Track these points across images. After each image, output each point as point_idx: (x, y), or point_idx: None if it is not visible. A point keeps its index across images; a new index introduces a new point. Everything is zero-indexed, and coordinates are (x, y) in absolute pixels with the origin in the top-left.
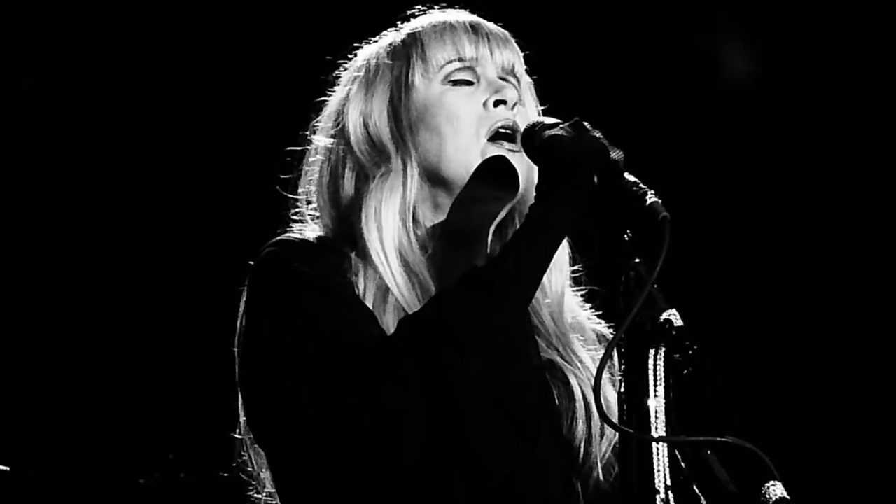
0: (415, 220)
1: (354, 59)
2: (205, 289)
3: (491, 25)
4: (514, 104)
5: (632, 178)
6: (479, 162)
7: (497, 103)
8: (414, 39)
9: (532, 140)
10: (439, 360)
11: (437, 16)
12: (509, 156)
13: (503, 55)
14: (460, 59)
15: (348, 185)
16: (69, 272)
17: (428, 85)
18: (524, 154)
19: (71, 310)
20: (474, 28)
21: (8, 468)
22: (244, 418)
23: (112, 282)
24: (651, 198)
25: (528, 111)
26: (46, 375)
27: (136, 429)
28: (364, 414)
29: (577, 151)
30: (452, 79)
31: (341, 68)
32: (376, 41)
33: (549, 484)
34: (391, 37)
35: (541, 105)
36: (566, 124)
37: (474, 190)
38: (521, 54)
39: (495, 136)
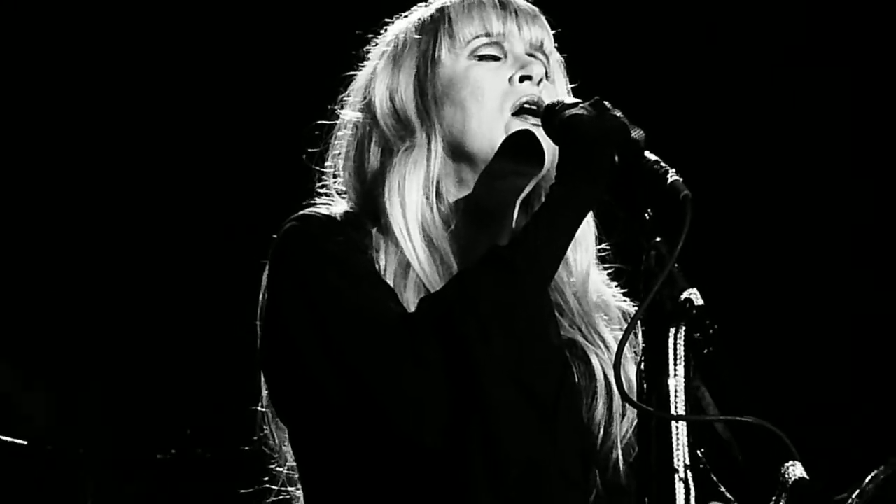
0: (438, 194)
1: (384, 34)
2: (227, 261)
3: (520, 1)
4: (541, 80)
5: (653, 156)
6: (503, 136)
7: (523, 79)
8: (442, 14)
9: (552, 120)
10: (461, 339)
11: None
12: (535, 130)
13: (531, 31)
14: (487, 35)
15: (374, 158)
16: (88, 246)
17: (455, 60)
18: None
19: (89, 282)
20: (503, 3)
21: (25, 442)
22: (266, 392)
23: (131, 252)
24: (672, 176)
25: (556, 88)
26: (63, 349)
27: (153, 403)
28: (384, 392)
29: (596, 131)
30: (479, 54)
31: (371, 43)
32: (406, 16)
33: (568, 464)
34: (420, 12)
35: (572, 83)
36: (586, 104)
37: (499, 165)
38: (551, 31)
39: (520, 111)
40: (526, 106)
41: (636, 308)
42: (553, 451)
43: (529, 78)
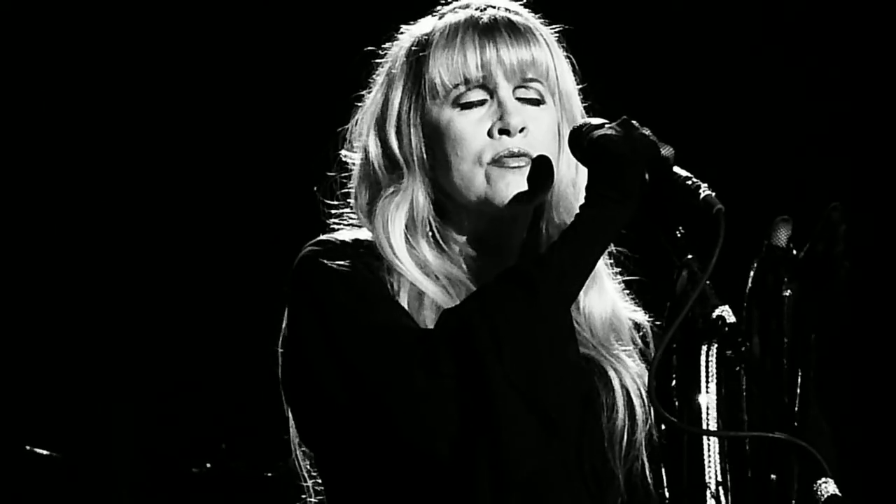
0: (431, 230)
1: (388, 51)
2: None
3: (506, 19)
4: (522, 129)
5: (683, 172)
6: (484, 185)
7: (502, 132)
8: (426, 54)
9: (580, 141)
10: (475, 355)
11: (454, 15)
12: (513, 173)
13: (517, 56)
14: (466, 82)
15: (367, 196)
16: (121, 259)
17: (439, 109)
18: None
19: (123, 297)
20: (484, 31)
21: (59, 455)
22: (290, 418)
23: (167, 269)
24: (705, 191)
25: (551, 116)
26: (98, 363)
27: (188, 417)
28: (396, 404)
29: (625, 150)
30: (462, 102)
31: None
32: (408, 32)
33: (578, 480)
34: (415, 34)
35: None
36: (613, 123)
37: (488, 209)
38: (546, 42)
39: (499, 160)
40: (505, 158)
41: (656, 322)
42: (563, 465)
43: (508, 132)
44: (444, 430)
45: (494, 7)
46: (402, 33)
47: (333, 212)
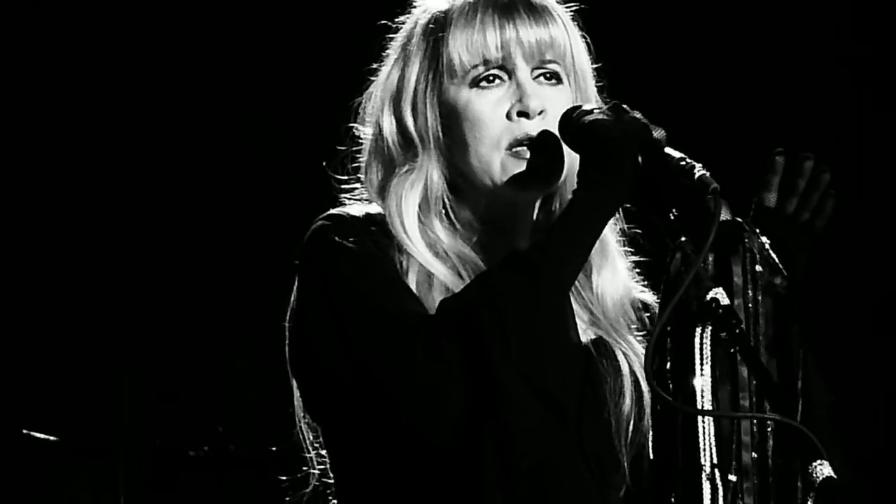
0: (445, 209)
1: (403, 25)
2: (260, 259)
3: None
4: (541, 111)
5: (677, 153)
6: (499, 172)
7: (520, 114)
8: (443, 32)
9: (570, 127)
10: (478, 338)
11: None
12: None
13: (534, 34)
14: (485, 63)
15: (380, 173)
16: (114, 240)
17: (456, 90)
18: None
19: (119, 278)
20: (504, 9)
21: (57, 438)
22: (296, 391)
23: (162, 251)
24: (699, 171)
25: (567, 96)
26: (95, 345)
27: (186, 400)
28: (399, 387)
29: (616, 133)
30: (480, 82)
31: (391, 36)
32: (423, 6)
33: (584, 465)
34: (431, 10)
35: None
36: (604, 108)
37: (501, 194)
38: (563, 21)
39: (517, 145)
40: (524, 143)
41: (657, 301)
42: (568, 452)
43: (527, 115)
44: (448, 417)
45: None
46: (415, 6)
47: (344, 186)
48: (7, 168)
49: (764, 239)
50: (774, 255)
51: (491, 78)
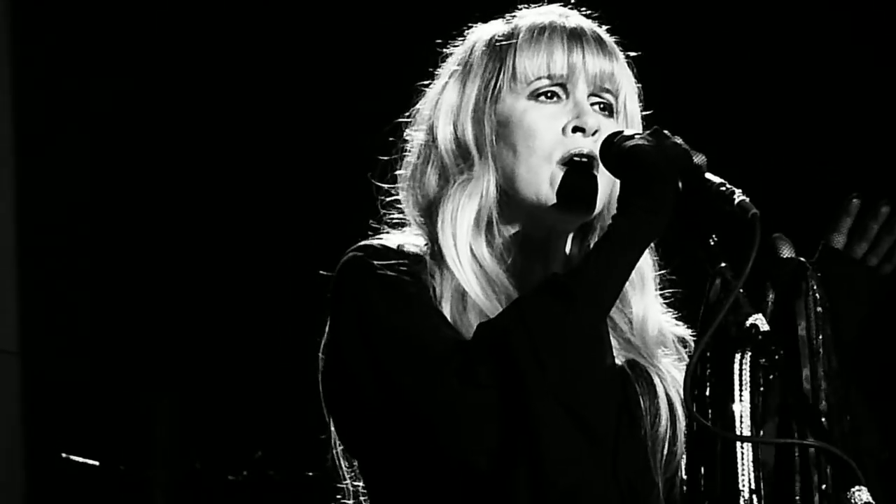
0: (490, 226)
1: (459, 45)
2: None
3: (592, 30)
4: (595, 131)
5: (717, 179)
6: (547, 186)
7: (576, 129)
8: (510, 44)
9: (612, 152)
10: (514, 365)
11: (538, 16)
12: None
13: (598, 64)
14: (549, 77)
15: (432, 183)
16: (159, 270)
17: (515, 99)
18: (602, 173)
19: (160, 306)
20: (572, 35)
21: (96, 462)
22: (330, 422)
23: (204, 278)
24: (739, 196)
25: (617, 125)
26: (135, 371)
27: (225, 425)
28: (435, 414)
29: (658, 159)
30: (539, 94)
31: (447, 52)
32: (481, 29)
33: (616, 490)
34: (493, 30)
35: (646, 111)
36: (645, 133)
37: (547, 212)
38: (624, 62)
39: (568, 163)
40: (575, 159)
41: (693, 333)
42: (601, 475)
43: (583, 130)
44: (483, 442)
45: (575, 17)
46: (472, 30)
47: (385, 200)
48: (54, 193)
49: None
50: (832, 300)
51: (550, 94)
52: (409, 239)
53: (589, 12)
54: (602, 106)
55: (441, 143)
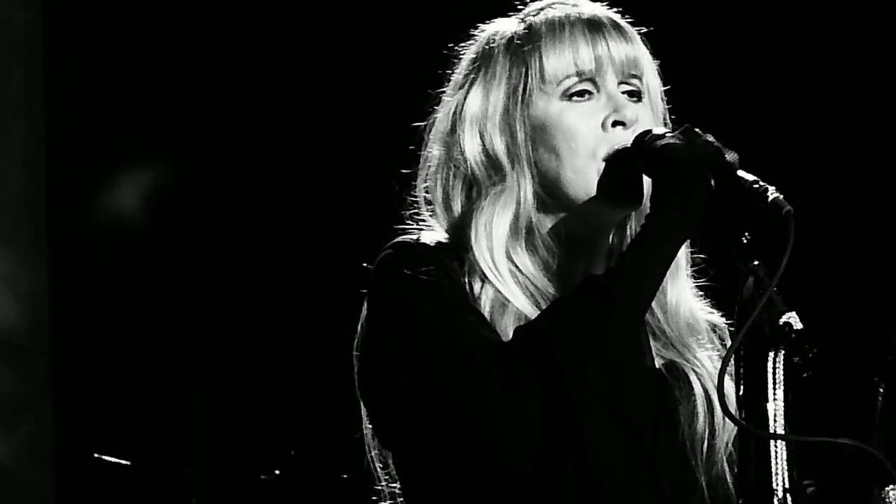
0: (529, 231)
1: (472, 46)
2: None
3: (608, 16)
4: (634, 122)
5: (750, 176)
6: (596, 182)
7: (615, 123)
8: (532, 45)
9: (643, 151)
10: (555, 366)
11: (554, 10)
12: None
13: (623, 50)
14: (578, 74)
15: (461, 196)
16: (192, 268)
17: (547, 101)
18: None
19: (193, 305)
20: (592, 25)
21: (129, 462)
22: (366, 418)
23: (237, 277)
24: (773, 193)
25: (648, 113)
26: (168, 371)
27: (258, 425)
28: (476, 419)
29: (690, 157)
30: (571, 93)
31: (460, 53)
32: (493, 28)
33: (664, 490)
34: (507, 29)
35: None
36: (676, 132)
37: (595, 206)
38: (640, 41)
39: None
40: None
41: (726, 323)
42: (648, 476)
43: (623, 124)
44: (527, 448)
45: (586, 5)
46: (480, 31)
47: (410, 211)
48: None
49: None
50: None
51: (581, 92)
52: (444, 236)
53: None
54: (631, 93)
55: (469, 155)
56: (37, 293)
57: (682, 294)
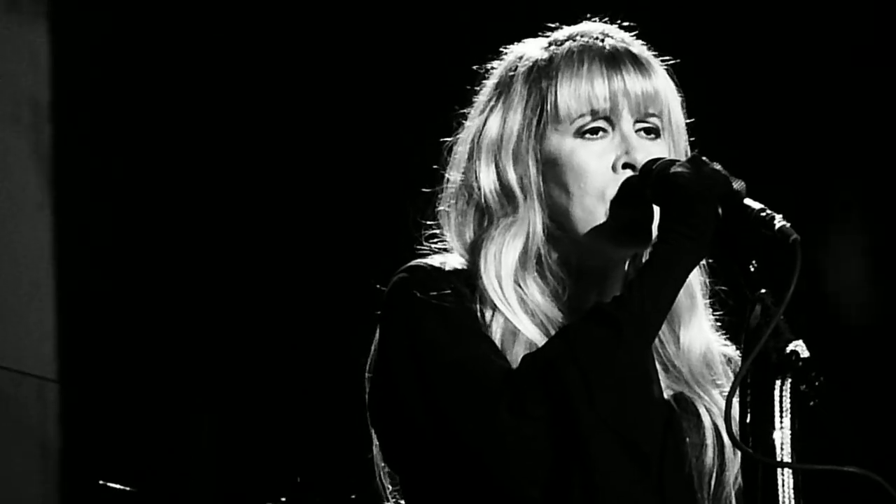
0: (539, 262)
1: (498, 69)
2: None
3: (628, 49)
4: None
5: (757, 204)
6: (604, 223)
7: (626, 166)
8: (549, 78)
9: (651, 180)
10: (563, 393)
11: (576, 42)
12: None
13: (640, 87)
14: (593, 112)
15: (474, 224)
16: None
17: (560, 138)
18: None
19: (197, 330)
20: (609, 61)
21: (134, 489)
22: (376, 442)
23: (245, 301)
24: (780, 221)
25: (665, 151)
26: (173, 396)
27: (264, 450)
28: (484, 446)
29: (697, 186)
30: (584, 130)
31: (485, 76)
32: (519, 51)
33: None
34: (531, 55)
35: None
36: (684, 161)
37: (603, 245)
38: (664, 74)
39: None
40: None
41: (740, 355)
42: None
43: (633, 167)
44: (536, 475)
45: (612, 37)
46: (508, 52)
47: (428, 233)
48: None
49: None
50: None
51: (595, 130)
52: (459, 261)
53: (627, 24)
54: (648, 130)
55: (483, 184)
56: (42, 319)
57: (697, 330)
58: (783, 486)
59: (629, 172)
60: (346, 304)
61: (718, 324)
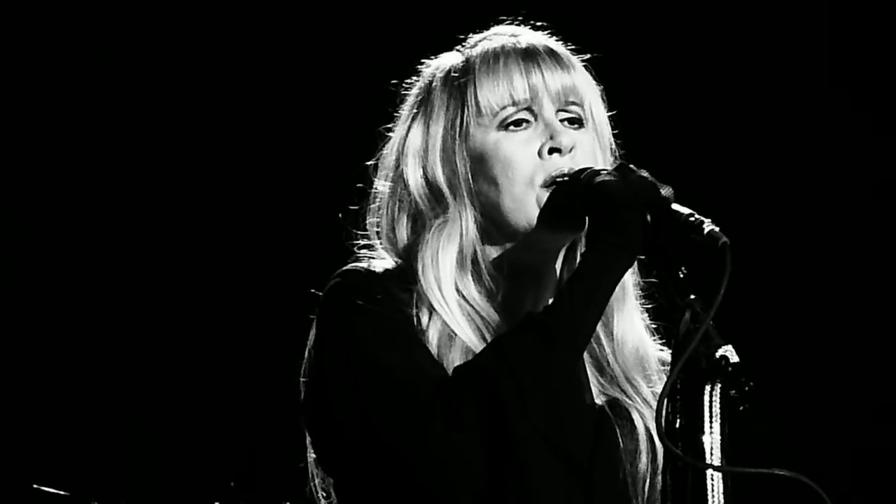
0: (475, 262)
1: (415, 84)
2: (272, 314)
3: (545, 45)
4: (571, 148)
5: (685, 209)
6: (536, 209)
7: (552, 150)
8: (468, 78)
9: (578, 189)
10: (496, 402)
11: (489, 42)
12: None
13: (560, 79)
14: (514, 104)
15: (407, 229)
16: (128, 297)
17: (484, 133)
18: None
19: (131, 335)
20: (526, 56)
21: (67, 493)
22: (310, 444)
23: (174, 306)
24: (709, 226)
25: (590, 139)
26: (107, 401)
27: (197, 455)
28: (419, 457)
29: (624, 194)
30: (507, 123)
31: (404, 89)
32: (436, 63)
33: None
34: (447, 64)
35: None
36: (611, 169)
37: (536, 235)
38: (582, 68)
39: (551, 184)
40: (557, 180)
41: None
42: None
43: (559, 150)
44: (469, 483)
45: (526, 35)
46: (425, 66)
47: (362, 243)
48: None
49: None
50: None
51: (518, 121)
52: (393, 265)
53: (540, 24)
54: (571, 119)
55: (413, 188)
56: None
57: (630, 325)
58: (713, 490)
59: (556, 157)
60: (282, 309)
61: (653, 326)
